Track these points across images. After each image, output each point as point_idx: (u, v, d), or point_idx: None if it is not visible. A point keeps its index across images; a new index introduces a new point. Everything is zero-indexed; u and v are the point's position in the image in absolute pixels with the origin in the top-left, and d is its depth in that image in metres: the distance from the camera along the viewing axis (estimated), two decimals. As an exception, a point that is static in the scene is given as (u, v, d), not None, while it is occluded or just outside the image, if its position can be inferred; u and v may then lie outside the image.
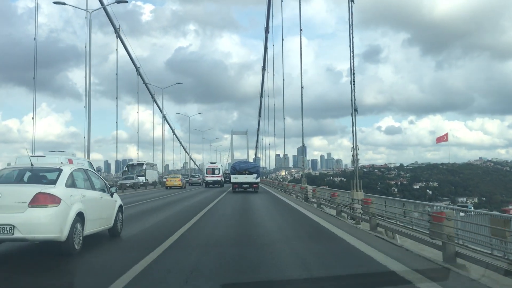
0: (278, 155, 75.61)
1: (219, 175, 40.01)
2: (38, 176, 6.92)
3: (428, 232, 6.51)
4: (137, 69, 45.88)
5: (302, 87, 25.95)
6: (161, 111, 51.97)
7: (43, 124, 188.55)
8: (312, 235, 9.33)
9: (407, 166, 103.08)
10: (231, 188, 31.19)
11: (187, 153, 65.90)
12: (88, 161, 21.13)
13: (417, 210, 8.47)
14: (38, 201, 5.92)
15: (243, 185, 30.26)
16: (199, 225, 10.46)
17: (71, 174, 6.82)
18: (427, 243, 6.57)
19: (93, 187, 7.45)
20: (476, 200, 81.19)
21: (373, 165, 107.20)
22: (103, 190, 7.84)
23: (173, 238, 7.99)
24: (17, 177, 6.86)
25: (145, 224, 10.63)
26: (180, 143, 61.98)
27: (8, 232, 5.72)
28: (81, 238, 6.48)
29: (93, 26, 38.40)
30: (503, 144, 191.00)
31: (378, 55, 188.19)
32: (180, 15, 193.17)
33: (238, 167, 31.28)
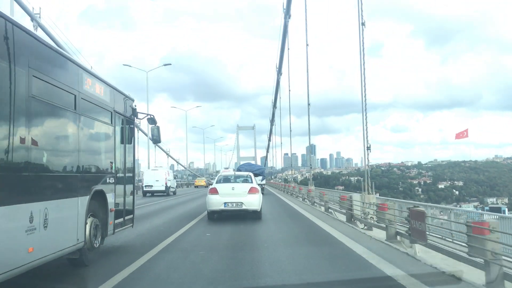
0: (286, 154, 74.66)
1: None
2: (240, 178, 14.24)
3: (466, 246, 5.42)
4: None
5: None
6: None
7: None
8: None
9: (426, 164, 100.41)
10: None
11: (173, 158, 62.47)
12: (171, 170, 38.31)
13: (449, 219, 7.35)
14: (251, 191, 12.71)
15: None
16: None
17: (252, 177, 14.07)
18: (463, 260, 5.48)
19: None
20: (506, 200, 78.41)
21: (389, 163, 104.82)
22: None
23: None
24: (235, 178, 14.09)
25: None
26: (167, 153, 58.31)
27: (240, 206, 12.42)
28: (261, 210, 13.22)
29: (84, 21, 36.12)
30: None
31: (381, 50, 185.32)
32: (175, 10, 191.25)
33: (243, 170, 31.08)
